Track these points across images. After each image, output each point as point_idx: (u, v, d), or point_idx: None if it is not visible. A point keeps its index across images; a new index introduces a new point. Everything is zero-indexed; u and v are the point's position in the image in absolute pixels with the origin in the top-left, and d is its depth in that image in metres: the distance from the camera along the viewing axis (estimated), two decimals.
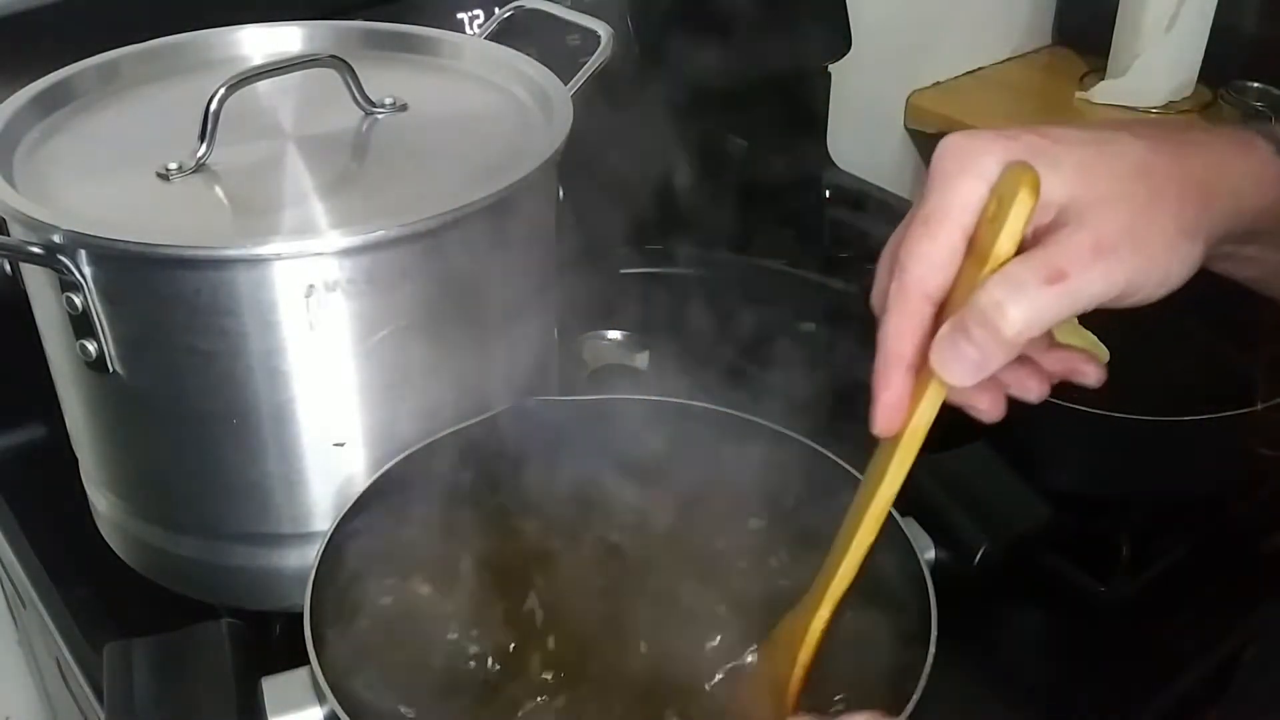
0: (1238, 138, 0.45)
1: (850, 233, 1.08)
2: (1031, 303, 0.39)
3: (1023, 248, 0.40)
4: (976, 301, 0.39)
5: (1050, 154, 0.41)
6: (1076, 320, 0.84)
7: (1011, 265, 0.39)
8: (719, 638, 0.53)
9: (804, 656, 0.47)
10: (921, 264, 0.41)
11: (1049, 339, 0.46)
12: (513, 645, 0.54)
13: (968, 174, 0.41)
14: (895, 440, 0.43)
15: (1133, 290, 0.41)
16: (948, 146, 0.42)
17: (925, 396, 0.42)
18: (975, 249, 0.41)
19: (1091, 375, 0.47)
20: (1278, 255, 0.46)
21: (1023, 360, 0.45)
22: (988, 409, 0.45)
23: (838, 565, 0.46)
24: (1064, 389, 0.80)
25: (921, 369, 0.42)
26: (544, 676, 0.52)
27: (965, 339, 0.40)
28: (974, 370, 0.40)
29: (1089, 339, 0.84)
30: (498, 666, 0.53)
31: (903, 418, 0.43)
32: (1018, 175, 0.39)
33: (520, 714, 0.51)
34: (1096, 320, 0.84)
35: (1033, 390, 0.46)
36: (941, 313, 0.42)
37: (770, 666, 0.50)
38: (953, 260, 0.41)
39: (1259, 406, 0.69)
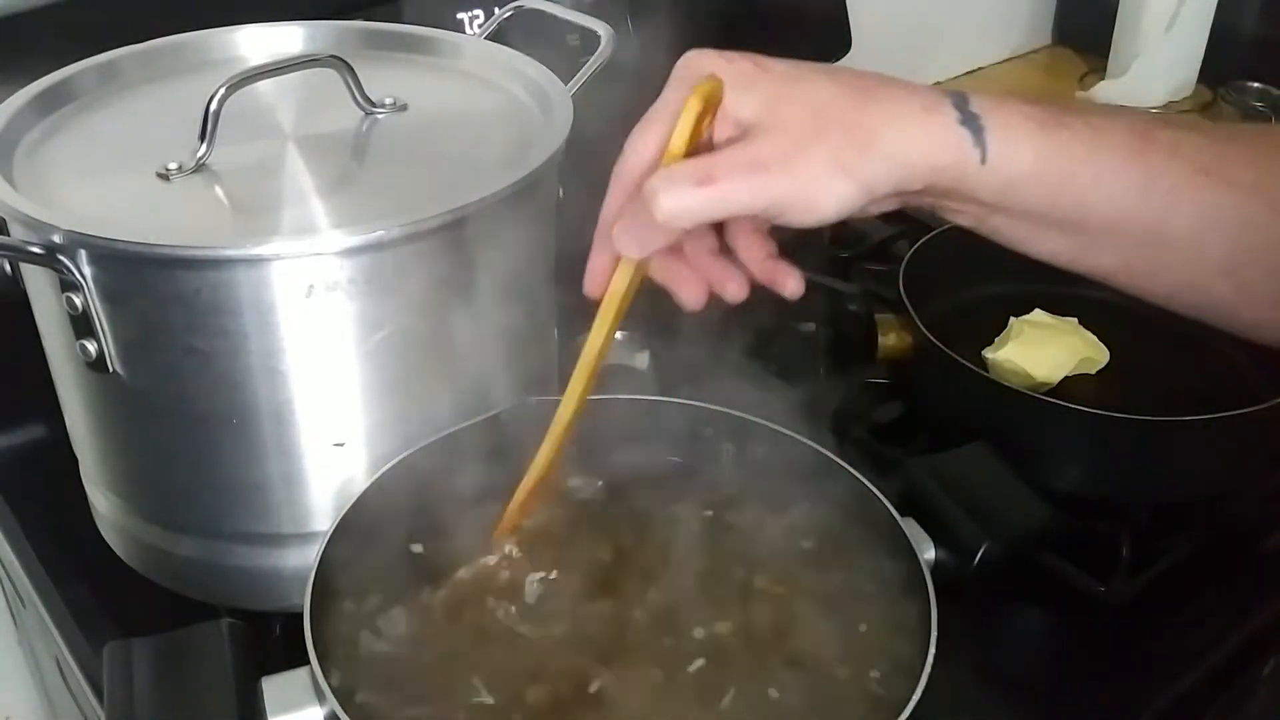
0: (927, 100, 0.48)
1: (849, 233, 1.08)
2: (680, 196, 0.45)
3: (705, 150, 0.47)
4: (642, 187, 0.45)
5: (750, 78, 0.48)
6: (1077, 320, 0.85)
7: (678, 163, 0.46)
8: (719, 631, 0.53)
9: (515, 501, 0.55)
10: (629, 150, 0.49)
11: (757, 242, 0.52)
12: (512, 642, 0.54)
13: (681, 83, 0.48)
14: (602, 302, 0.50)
15: (779, 210, 0.46)
16: (682, 59, 0.50)
17: (619, 269, 0.50)
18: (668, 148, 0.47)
19: (789, 286, 0.52)
20: (976, 211, 0.50)
21: (722, 259, 0.52)
22: (688, 297, 0.51)
23: (554, 415, 0.53)
24: (1065, 390, 0.80)
25: None
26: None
27: (632, 218, 0.47)
28: (639, 244, 0.47)
29: (1089, 339, 0.84)
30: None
31: (603, 282, 0.51)
32: (700, 87, 0.46)
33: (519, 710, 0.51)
34: (1097, 321, 0.84)
35: (730, 289, 0.51)
36: None
37: None
38: (654, 151, 0.48)
39: (1273, 402, 0.70)
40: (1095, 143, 0.49)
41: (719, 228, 0.51)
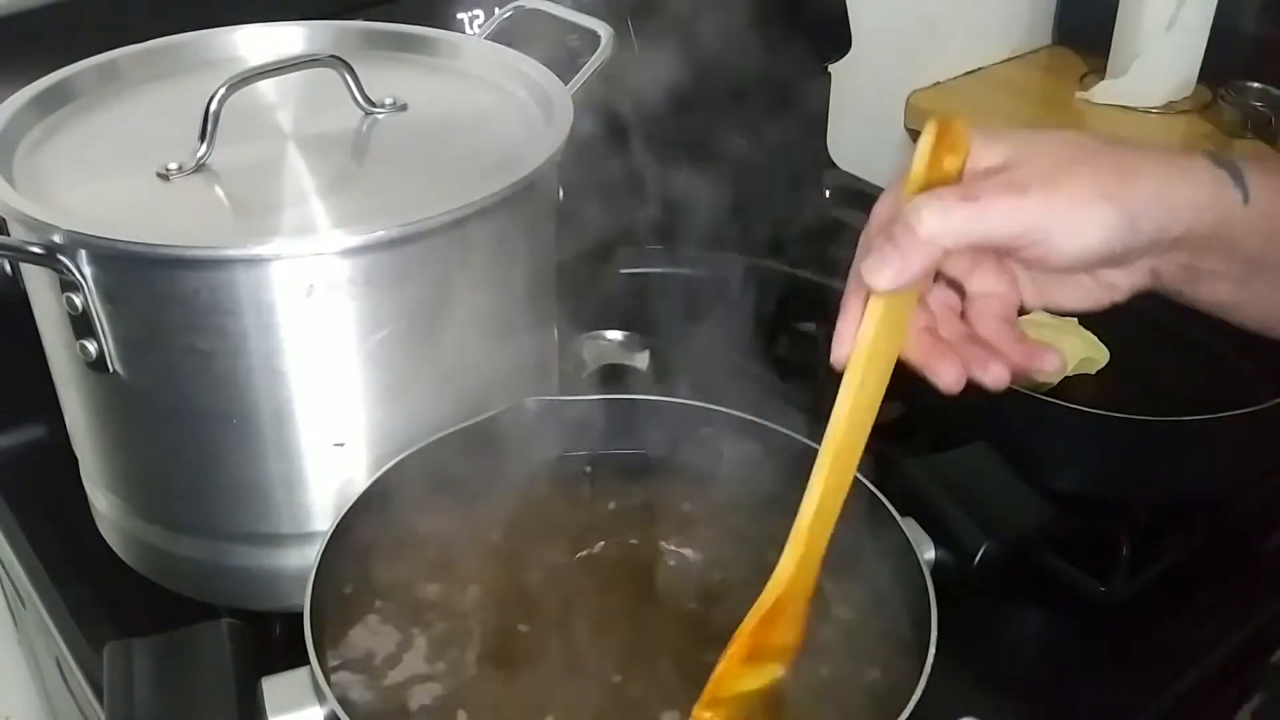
0: (1176, 152, 0.48)
1: (850, 233, 1.08)
2: (945, 211, 0.44)
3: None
4: (902, 209, 0.44)
5: (997, 133, 0.47)
6: (1077, 321, 0.85)
7: (939, 188, 0.45)
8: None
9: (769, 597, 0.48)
10: (880, 207, 0.48)
11: (1006, 330, 0.50)
12: (512, 645, 0.54)
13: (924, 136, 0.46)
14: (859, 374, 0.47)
15: (1041, 232, 0.45)
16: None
17: (866, 314, 0.46)
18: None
19: (1050, 365, 0.50)
20: (1238, 270, 0.49)
21: (983, 343, 0.50)
22: (947, 378, 0.49)
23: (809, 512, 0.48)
24: (1065, 390, 0.80)
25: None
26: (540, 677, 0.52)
27: (889, 243, 0.44)
28: (894, 271, 0.44)
29: (1089, 339, 0.84)
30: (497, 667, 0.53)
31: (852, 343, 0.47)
32: (936, 116, 0.45)
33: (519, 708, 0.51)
34: (1097, 321, 0.84)
35: (991, 372, 0.49)
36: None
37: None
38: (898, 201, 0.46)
39: (1273, 402, 0.70)
40: None
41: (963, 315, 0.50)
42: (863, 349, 0.46)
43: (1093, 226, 0.45)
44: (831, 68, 1.16)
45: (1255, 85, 1.26)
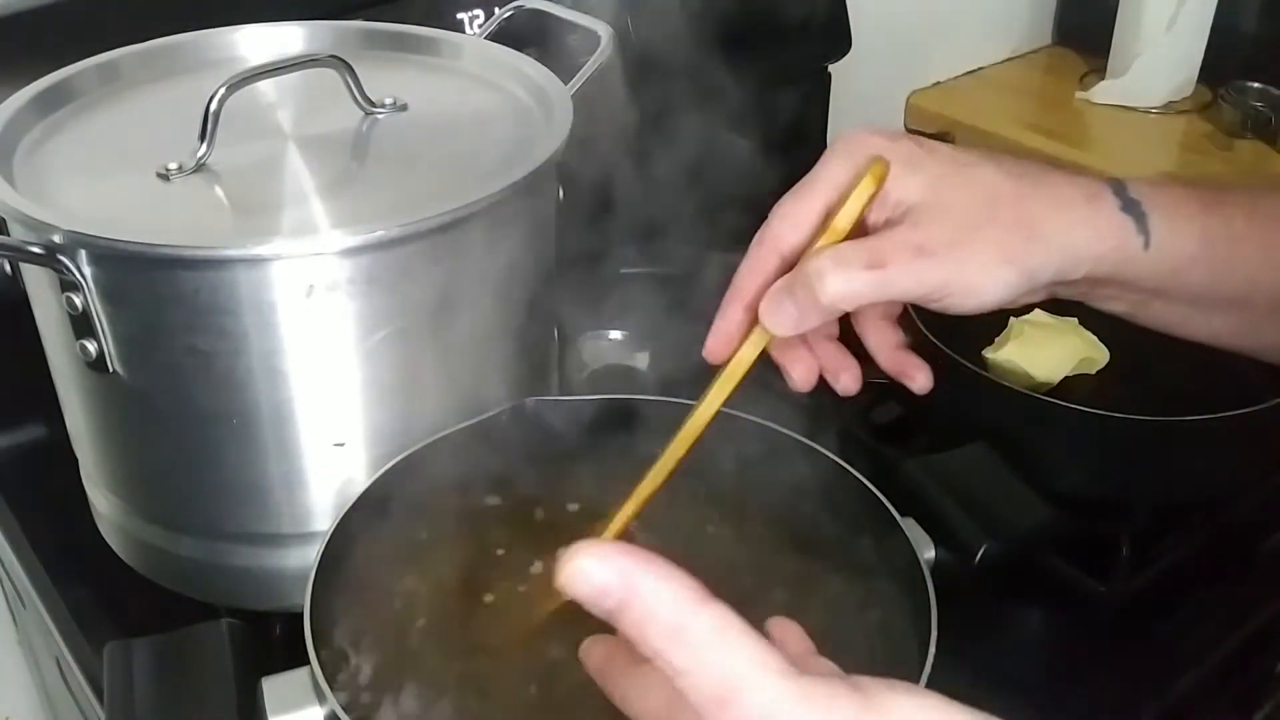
0: (1089, 188, 0.49)
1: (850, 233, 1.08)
2: (849, 279, 0.44)
3: (869, 231, 0.47)
4: (805, 265, 0.45)
5: (915, 160, 0.47)
6: (1077, 321, 0.85)
7: (845, 244, 0.45)
8: None
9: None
10: (782, 222, 0.48)
11: (887, 331, 0.51)
12: (511, 645, 0.53)
13: (844, 158, 0.48)
14: (720, 369, 0.48)
15: (942, 294, 0.46)
16: (841, 134, 0.49)
17: (750, 339, 0.47)
18: (828, 223, 0.46)
19: (919, 380, 0.51)
20: (1134, 298, 0.51)
21: (840, 347, 0.51)
22: (798, 378, 0.51)
23: (644, 479, 0.49)
24: (1065, 390, 0.80)
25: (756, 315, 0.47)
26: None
27: (789, 295, 0.45)
28: (791, 323, 0.45)
29: (1089, 339, 0.84)
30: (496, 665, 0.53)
31: (728, 348, 0.48)
32: (869, 165, 0.45)
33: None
34: (1097, 321, 0.84)
35: (844, 380, 0.51)
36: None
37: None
38: (808, 223, 0.47)
39: (1273, 402, 0.70)
40: (1256, 215, 0.49)
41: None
42: (740, 365, 0.48)
43: (992, 288, 0.46)
44: (831, 68, 1.16)
45: (1255, 85, 1.26)
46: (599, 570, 0.32)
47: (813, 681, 0.30)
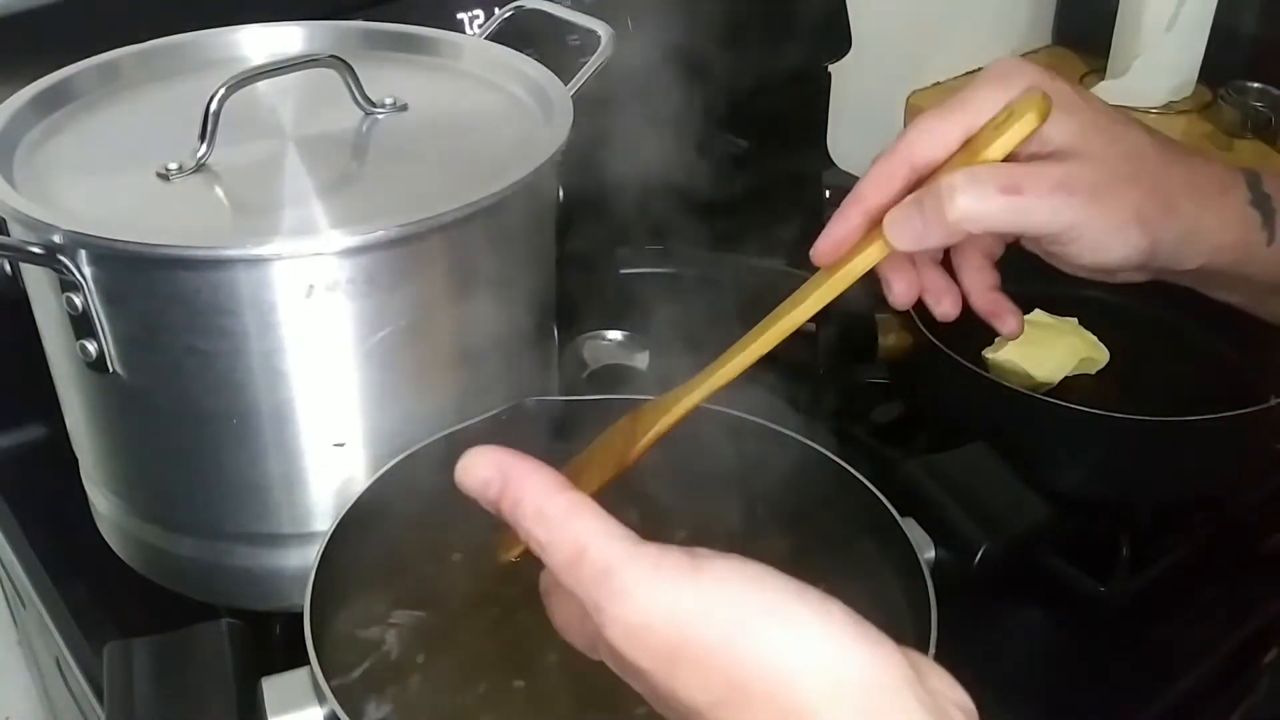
0: (1225, 177, 0.48)
1: None
2: (980, 199, 0.43)
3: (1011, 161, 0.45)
4: (938, 180, 0.44)
5: (1073, 104, 0.46)
6: (1077, 321, 0.85)
7: (983, 165, 0.44)
8: None
9: (654, 432, 0.49)
10: (919, 133, 0.46)
11: (986, 269, 0.51)
12: (512, 645, 0.54)
13: (998, 84, 0.46)
14: (828, 273, 0.47)
15: (1069, 239, 0.45)
16: (998, 62, 0.47)
17: (866, 248, 0.46)
18: (971, 146, 0.45)
19: (1010, 324, 0.51)
20: (1250, 290, 0.50)
21: (949, 278, 0.50)
22: (899, 294, 0.50)
23: (727, 361, 0.48)
24: (1065, 390, 0.80)
25: (875, 225, 0.46)
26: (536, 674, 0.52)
27: (916, 208, 0.44)
28: (914, 238, 0.44)
29: (1089, 339, 0.84)
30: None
31: (837, 252, 0.47)
32: (1034, 100, 0.44)
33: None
34: (1097, 321, 0.84)
35: (945, 304, 0.50)
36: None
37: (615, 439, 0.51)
38: (946, 142, 0.46)
39: (1274, 401, 0.70)
40: None
41: None
42: (849, 276, 0.46)
43: (1118, 247, 0.45)
44: (831, 67, 1.16)
45: (1255, 85, 1.26)
46: (482, 465, 0.38)
47: (648, 545, 0.35)
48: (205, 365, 0.55)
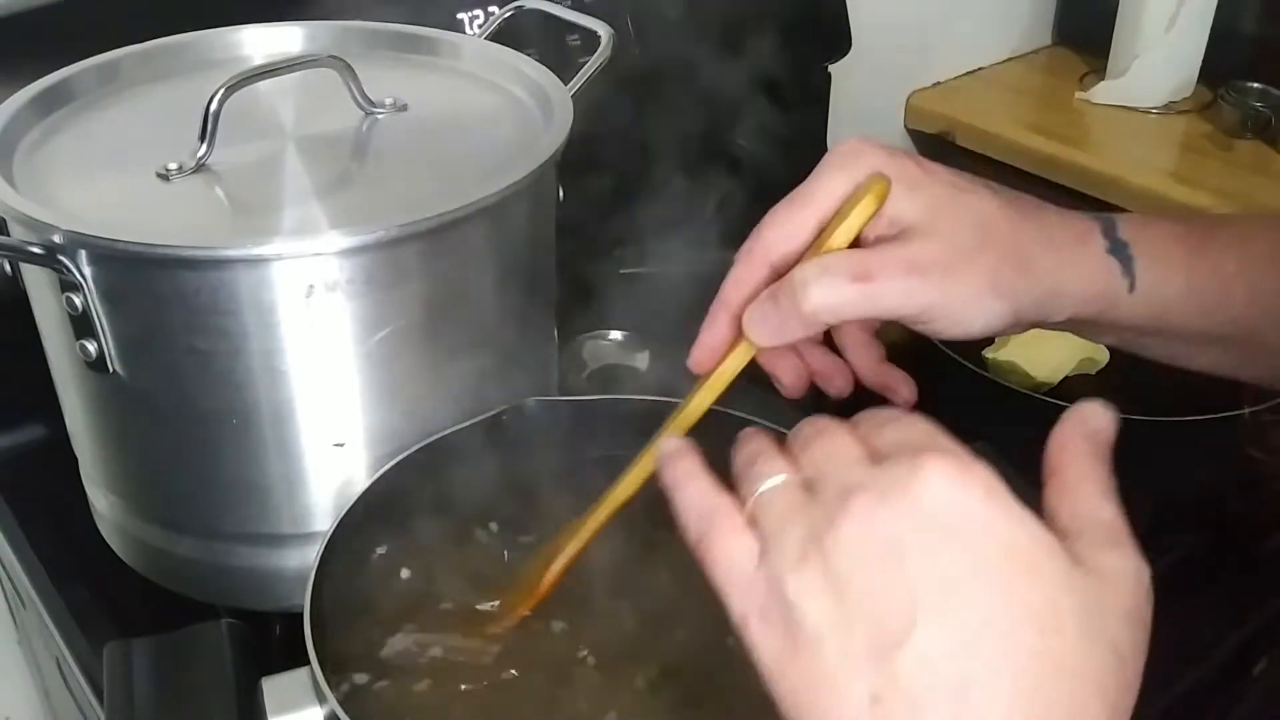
0: (1079, 228, 0.48)
1: None
2: (833, 290, 0.43)
3: (860, 246, 0.45)
4: (791, 274, 0.44)
5: (915, 180, 0.46)
6: None
7: (833, 254, 0.44)
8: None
9: (567, 553, 0.51)
10: (773, 231, 0.47)
11: (867, 345, 0.51)
12: (512, 645, 0.53)
13: (842, 170, 0.46)
14: (704, 380, 0.47)
15: (928, 318, 0.45)
16: (839, 144, 0.48)
17: (737, 350, 0.47)
18: (821, 236, 0.46)
19: (903, 394, 0.51)
20: (1123, 335, 0.51)
21: (834, 357, 0.50)
22: (789, 384, 0.50)
23: (618, 483, 0.49)
24: (1065, 390, 0.80)
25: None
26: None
27: (772, 303, 0.44)
28: (772, 333, 0.45)
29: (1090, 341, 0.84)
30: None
31: (713, 359, 0.47)
32: (871, 184, 0.44)
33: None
34: None
35: (837, 384, 0.51)
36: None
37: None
38: (799, 235, 0.46)
39: (1246, 410, 0.70)
40: (1247, 257, 0.49)
41: None
42: (724, 376, 0.47)
43: (978, 317, 0.46)
44: (831, 68, 1.16)
45: (1255, 85, 1.26)
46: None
47: None
48: (205, 365, 0.55)
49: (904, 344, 0.80)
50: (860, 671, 0.33)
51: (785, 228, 0.47)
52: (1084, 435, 0.40)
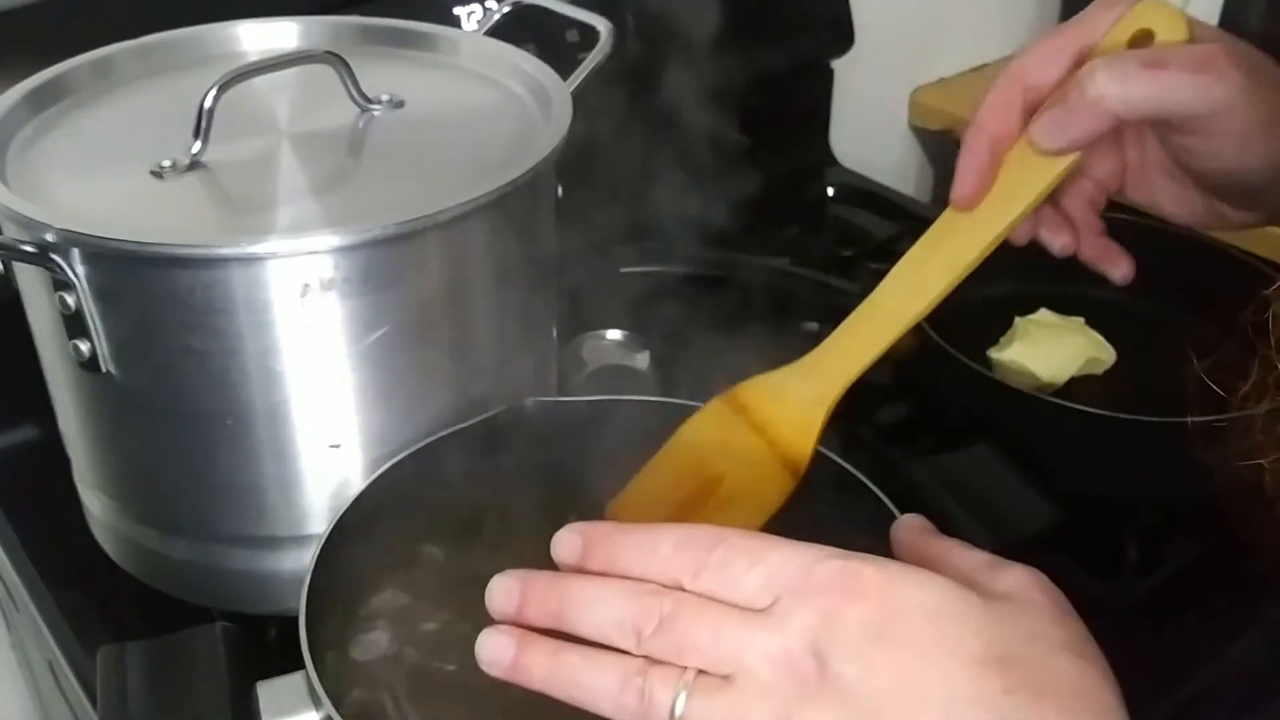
0: None
1: (853, 231, 1.07)
2: (1123, 76, 0.42)
3: None
4: (1079, 72, 0.43)
5: (1187, 25, 0.45)
6: (1083, 320, 0.84)
7: (1118, 52, 0.43)
8: None
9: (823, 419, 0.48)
10: (1032, 57, 0.46)
11: (1093, 217, 0.50)
12: None
13: (1109, 8, 0.45)
14: (973, 215, 0.46)
15: (1216, 128, 0.43)
16: None
17: (1019, 171, 0.45)
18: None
19: (1120, 270, 0.51)
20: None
21: (1064, 216, 0.50)
22: (1060, 243, 0.51)
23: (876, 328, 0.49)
24: (1071, 390, 0.80)
25: (1006, 153, 0.45)
26: None
27: (1061, 102, 0.43)
28: (1059, 131, 0.43)
29: (1096, 339, 0.83)
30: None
31: (980, 187, 0.46)
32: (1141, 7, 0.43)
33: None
34: (1103, 321, 0.84)
35: (1060, 239, 0.51)
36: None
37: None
38: (1058, 59, 0.45)
39: (1189, 420, 0.69)
40: None
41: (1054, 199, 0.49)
42: (1009, 205, 0.45)
43: (1261, 146, 0.44)
44: (834, 64, 1.15)
45: None
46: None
47: None
48: (199, 365, 0.54)
49: (909, 346, 0.80)
50: None
51: (1043, 52, 0.46)
52: (917, 530, 0.42)
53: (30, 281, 0.57)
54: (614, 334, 0.86)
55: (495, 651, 0.37)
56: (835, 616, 0.33)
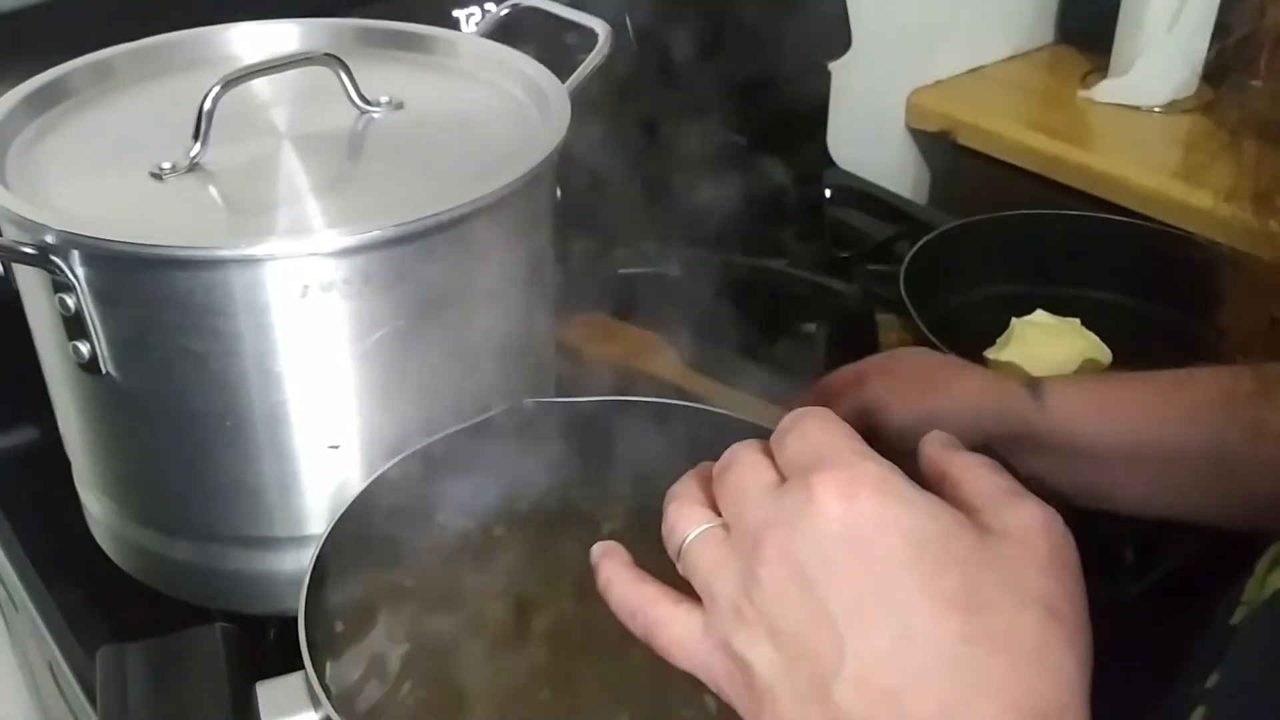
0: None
1: (850, 232, 1.08)
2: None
3: None
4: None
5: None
6: (1079, 321, 0.84)
7: None
8: None
9: None
10: None
11: None
12: (509, 648, 0.53)
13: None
14: None
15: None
16: None
17: None
18: None
19: None
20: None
21: None
22: None
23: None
24: None
25: None
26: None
27: None
28: None
29: (1092, 340, 0.83)
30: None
31: None
32: None
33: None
34: (1100, 322, 0.84)
35: None
36: None
37: None
38: None
39: None
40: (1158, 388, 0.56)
41: None
42: None
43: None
44: (832, 66, 1.15)
45: (1257, 84, 1.25)
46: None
47: None
48: (199, 366, 0.54)
49: (905, 345, 0.80)
50: (810, 713, 0.33)
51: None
52: (944, 444, 0.40)
53: (30, 283, 0.57)
54: None
55: None
56: (821, 510, 0.34)
